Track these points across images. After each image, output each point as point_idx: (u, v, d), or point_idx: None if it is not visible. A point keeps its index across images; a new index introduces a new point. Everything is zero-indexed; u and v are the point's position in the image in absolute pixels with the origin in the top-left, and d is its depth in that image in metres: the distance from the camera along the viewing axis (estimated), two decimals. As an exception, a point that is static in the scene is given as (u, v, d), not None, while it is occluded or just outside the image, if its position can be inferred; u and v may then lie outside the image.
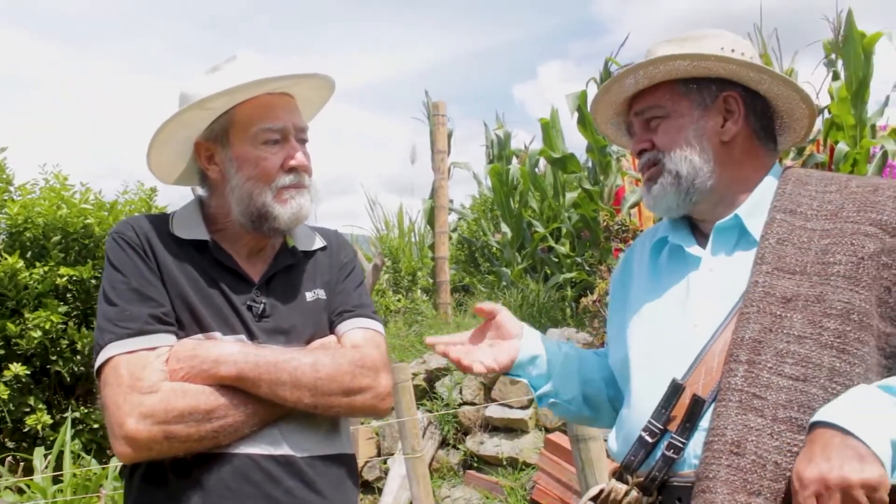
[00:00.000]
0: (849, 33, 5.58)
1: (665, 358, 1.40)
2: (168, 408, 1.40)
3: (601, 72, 6.40)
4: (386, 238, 9.83)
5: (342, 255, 1.77)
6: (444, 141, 7.36)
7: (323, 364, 1.50)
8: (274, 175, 1.57)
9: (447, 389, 5.57)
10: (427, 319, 6.90)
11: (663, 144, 1.48)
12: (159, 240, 1.58)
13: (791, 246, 1.35)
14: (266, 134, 1.57)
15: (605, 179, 6.55)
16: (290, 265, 1.67)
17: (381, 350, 1.62)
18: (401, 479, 4.97)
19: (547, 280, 6.85)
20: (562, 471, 4.51)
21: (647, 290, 1.53)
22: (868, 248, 1.30)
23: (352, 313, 1.67)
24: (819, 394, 1.23)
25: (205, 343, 1.50)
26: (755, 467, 1.21)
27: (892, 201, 1.34)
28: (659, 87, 1.50)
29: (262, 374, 1.45)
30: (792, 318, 1.28)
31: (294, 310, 1.62)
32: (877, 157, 5.70)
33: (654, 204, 1.51)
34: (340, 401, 1.51)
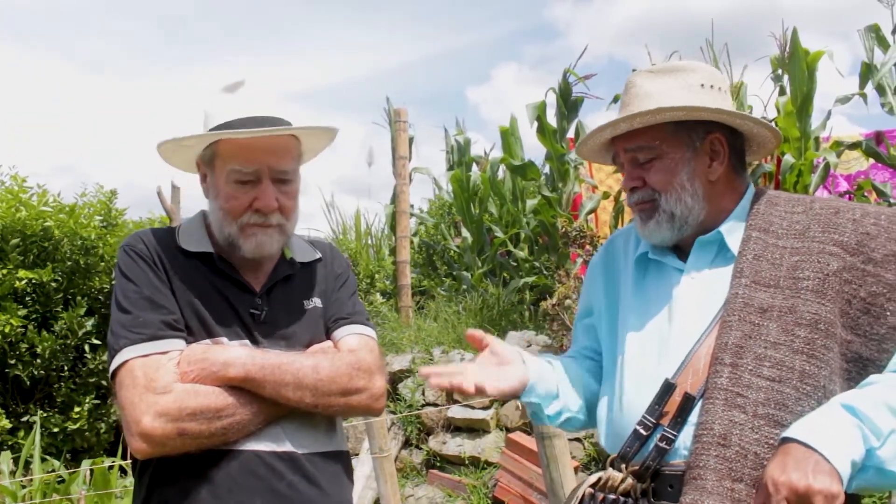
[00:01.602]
0: (794, 50, 5.85)
1: (656, 360, 1.55)
2: (181, 406, 1.51)
3: (560, 82, 6.58)
4: (343, 241, 9.87)
5: (336, 266, 1.86)
6: (406, 147, 7.46)
7: (322, 367, 1.61)
8: (239, 213, 1.64)
9: (410, 391, 5.68)
10: (389, 322, 6.99)
11: (658, 185, 1.58)
12: (167, 252, 1.69)
13: (766, 262, 1.51)
14: (237, 175, 1.63)
15: (563, 186, 6.72)
16: (288, 275, 1.76)
17: (375, 354, 1.72)
18: (365, 479, 5.06)
19: (506, 284, 6.99)
20: (523, 469, 4.65)
21: (634, 301, 1.66)
22: (832, 265, 1.47)
23: (347, 320, 1.77)
24: (792, 393, 1.40)
25: (214, 347, 1.61)
26: (738, 457, 1.37)
27: (852, 224, 1.51)
28: (649, 127, 1.59)
29: (268, 376, 1.56)
30: (768, 327, 1.44)
31: (293, 317, 1.72)
32: (820, 167, 5.99)
33: (649, 236, 1.63)
34: (339, 401, 1.62)
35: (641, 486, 1.48)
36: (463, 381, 1.52)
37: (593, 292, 1.82)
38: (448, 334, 6.24)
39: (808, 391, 1.40)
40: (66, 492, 4.27)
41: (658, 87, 1.59)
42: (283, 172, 1.67)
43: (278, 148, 1.66)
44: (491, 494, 4.83)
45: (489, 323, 6.21)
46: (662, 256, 1.65)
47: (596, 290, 1.81)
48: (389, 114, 8.07)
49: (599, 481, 1.53)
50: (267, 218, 1.65)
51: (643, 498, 1.48)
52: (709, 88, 1.60)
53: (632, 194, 1.63)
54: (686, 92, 1.58)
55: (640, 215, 1.62)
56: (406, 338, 6.46)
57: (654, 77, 1.61)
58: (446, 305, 6.90)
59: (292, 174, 1.70)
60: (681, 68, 1.62)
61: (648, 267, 1.69)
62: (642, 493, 1.48)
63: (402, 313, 7.14)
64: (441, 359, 5.82)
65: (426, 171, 8.94)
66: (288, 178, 1.68)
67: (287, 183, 1.68)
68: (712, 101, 1.58)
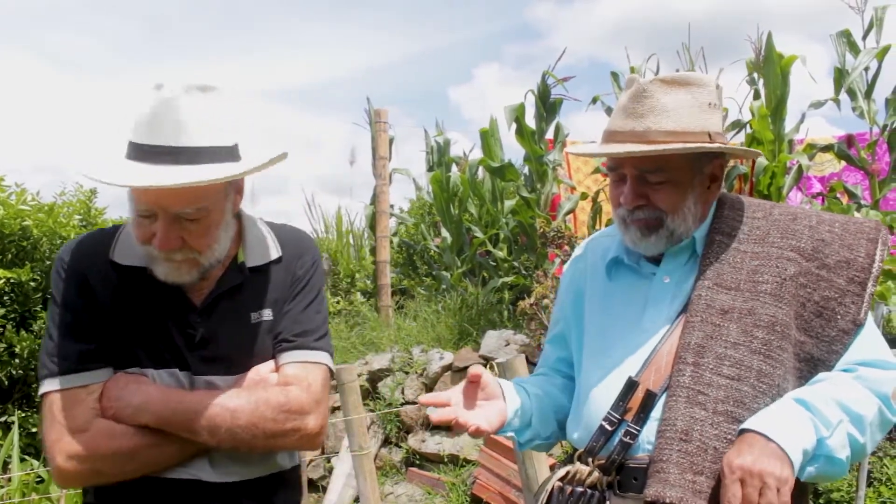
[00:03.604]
0: (768, 55, 5.95)
1: (621, 358, 1.60)
2: (93, 448, 1.45)
3: (538, 84, 6.64)
4: (324, 240, 9.89)
5: (297, 266, 1.66)
6: (386, 147, 7.49)
7: (243, 411, 1.47)
8: (142, 241, 1.49)
9: (389, 389, 5.72)
10: (369, 322, 7.02)
11: (667, 207, 1.59)
12: (97, 267, 1.55)
13: (727, 265, 1.58)
14: (133, 208, 1.48)
15: (541, 187, 6.79)
16: (237, 284, 1.59)
17: (313, 388, 1.55)
18: (345, 477, 5.09)
19: (485, 284, 7.04)
20: (501, 466, 4.70)
21: (603, 301, 1.71)
22: (789, 270, 1.54)
23: (291, 343, 1.60)
24: (749, 391, 1.47)
25: (130, 386, 1.50)
26: (699, 451, 1.44)
27: (808, 230, 1.59)
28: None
29: (182, 423, 1.46)
30: (729, 328, 1.51)
31: (235, 335, 1.57)
32: (793, 170, 6.10)
33: (645, 248, 1.64)
34: (262, 444, 1.50)
35: (607, 479, 1.54)
36: (467, 421, 1.54)
37: (565, 298, 1.86)
38: (427, 333, 6.29)
39: (764, 389, 1.47)
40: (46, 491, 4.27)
41: (673, 103, 1.58)
42: (184, 213, 1.46)
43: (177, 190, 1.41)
44: (470, 492, 4.89)
45: (468, 322, 6.27)
46: (636, 262, 1.70)
47: (566, 297, 1.85)
48: (370, 114, 8.10)
49: (567, 475, 1.60)
50: (169, 254, 1.48)
51: (609, 490, 1.55)
52: (713, 108, 1.62)
53: (635, 211, 1.61)
54: (698, 111, 1.59)
55: (639, 229, 1.62)
56: (386, 337, 6.49)
57: (669, 89, 1.59)
58: (426, 305, 6.95)
59: (201, 211, 1.47)
60: (692, 82, 1.61)
61: (620, 270, 1.73)
62: (608, 486, 1.55)
63: (381, 313, 7.17)
64: (420, 358, 5.86)
65: (406, 171, 8.98)
66: (193, 218, 1.47)
67: (194, 221, 1.47)
68: (716, 121, 1.61)
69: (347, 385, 3.99)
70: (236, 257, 1.61)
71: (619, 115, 1.63)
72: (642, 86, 1.60)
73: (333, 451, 5.58)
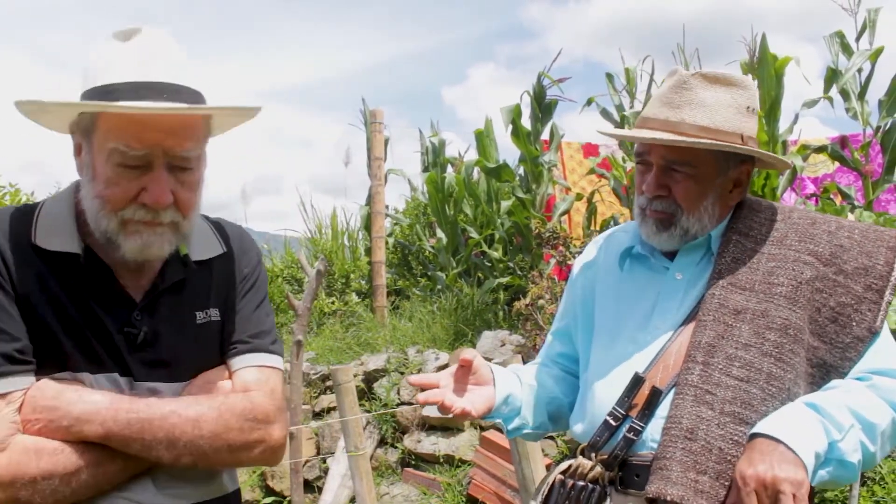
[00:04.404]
0: (762, 56, 5.97)
1: (628, 353, 1.60)
2: (17, 473, 1.19)
3: (534, 86, 6.65)
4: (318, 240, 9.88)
5: (244, 263, 1.49)
6: (381, 148, 7.51)
7: (206, 419, 1.29)
8: (122, 204, 1.27)
9: (385, 390, 5.72)
10: (364, 322, 7.02)
11: (685, 202, 1.58)
12: (16, 250, 1.28)
13: (743, 265, 1.57)
14: (121, 156, 1.25)
15: (537, 188, 6.80)
16: (179, 280, 1.40)
17: (276, 395, 1.40)
18: (341, 477, 5.10)
19: (481, 284, 7.06)
20: (496, 466, 4.71)
21: (614, 293, 1.70)
22: (806, 274, 1.54)
23: (247, 346, 1.44)
24: (758, 394, 1.46)
25: (67, 392, 1.25)
26: (704, 451, 1.43)
27: (827, 235, 1.58)
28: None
29: (135, 434, 1.24)
30: (741, 329, 1.50)
31: (180, 336, 1.38)
32: (787, 171, 6.12)
33: (657, 243, 1.64)
34: (225, 458, 1.33)
35: (609, 475, 1.54)
36: (453, 404, 1.54)
37: (574, 293, 1.84)
38: (423, 334, 6.30)
39: (773, 392, 1.46)
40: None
41: (712, 99, 1.57)
42: (183, 159, 1.29)
43: (180, 127, 1.27)
44: (465, 492, 4.89)
45: (463, 323, 6.28)
46: (650, 253, 1.68)
47: (576, 292, 1.83)
48: (365, 115, 8.11)
49: (570, 468, 1.59)
50: (157, 215, 1.28)
51: (611, 486, 1.54)
52: (751, 113, 1.61)
53: (653, 201, 1.61)
54: (735, 112, 1.58)
55: (655, 224, 1.61)
56: (381, 338, 6.50)
57: (710, 85, 1.58)
58: (421, 305, 6.96)
59: (195, 161, 1.32)
60: (735, 82, 1.60)
61: (632, 262, 1.72)
62: (610, 481, 1.54)
63: (377, 313, 7.18)
64: (416, 358, 5.87)
65: (401, 172, 8.99)
66: (189, 166, 1.31)
67: (187, 171, 1.31)
68: (752, 126, 1.61)
69: (343, 386, 3.99)
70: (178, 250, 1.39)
71: (656, 103, 1.62)
72: (683, 77, 1.59)
73: (329, 451, 5.59)
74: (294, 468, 4.40)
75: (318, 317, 7.67)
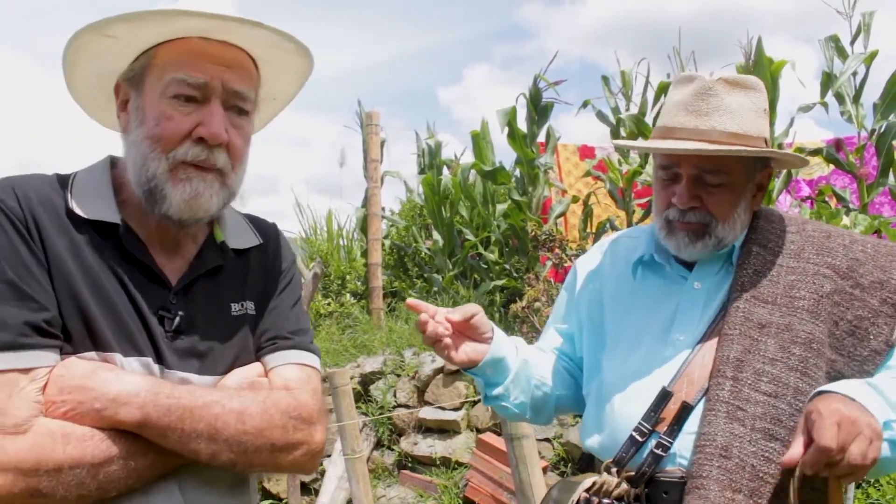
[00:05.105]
0: (758, 59, 5.99)
1: (650, 366, 1.57)
2: (40, 459, 1.05)
3: (530, 88, 6.67)
4: (314, 242, 9.88)
5: (281, 259, 1.42)
6: (377, 150, 7.51)
7: (251, 413, 1.19)
8: (175, 141, 1.20)
9: (381, 392, 5.73)
10: (360, 324, 7.03)
11: (719, 213, 1.57)
12: (50, 216, 1.19)
13: (764, 278, 1.56)
14: (179, 86, 1.20)
15: (533, 190, 6.81)
16: (216, 266, 1.31)
17: (318, 395, 1.31)
18: (337, 479, 5.10)
19: (477, 286, 7.06)
20: (493, 469, 4.72)
21: (628, 304, 1.67)
22: (826, 287, 1.53)
23: (288, 342, 1.35)
24: (786, 409, 1.45)
25: (100, 371, 1.13)
26: (738, 469, 1.41)
27: (843, 248, 1.58)
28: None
29: (174, 423, 1.13)
30: (766, 343, 1.49)
31: (215, 327, 1.28)
32: (783, 173, 6.14)
33: (688, 254, 1.61)
34: (265, 459, 1.21)
35: (635, 492, 1.50)
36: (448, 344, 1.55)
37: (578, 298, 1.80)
38: (419, 336, 6.26)
39: (800, 407, 1.44)
40: None
41: (736, 104, 1.56)
42: (240, 97, 1.25)
43: (237, 63, 1.25)
44: (462, 494, 4.90)
45: (460, 325, 6.27)
46: (667, 262, 1.66)
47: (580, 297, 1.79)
48: (361, 117, 8.11)
49: (594, 486, 1.55)
50: (211, 153, 1.21)
51: (636, 503, 1.50)
52: (766, 114, 1.61)
53: (686, 213, 1.58)
54: (755, 116, 1.57)
55: (687, 235, 1.58)
56: (377, 339, 6.50)
57: (731, 90, 1.57)
58: (417, 307, 6.95)
59: (251, 104, 1.28)
60: (752, 86, 1.59)
61: (646, 270, 1.69)
62: (635, 499, 1.51)
63: (373, 315, 7.18)
64: (412, 361, 5.87)
65: (397, 174, 8.99)
66: (245, 108, 1.27)
67: (243, 114, 1.27)
68: (766, 126, 1.60)
69: (340, 389, 3.99)
70: (212, 234, 1.33)
71: (680, 112, 1.58)
72: (708, 84, 1.57)
73: (325, 453, 5.59)
74: (291, 471, 4.40)
75: (314, 318, 7.67)
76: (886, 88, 5.77)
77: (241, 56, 1.26)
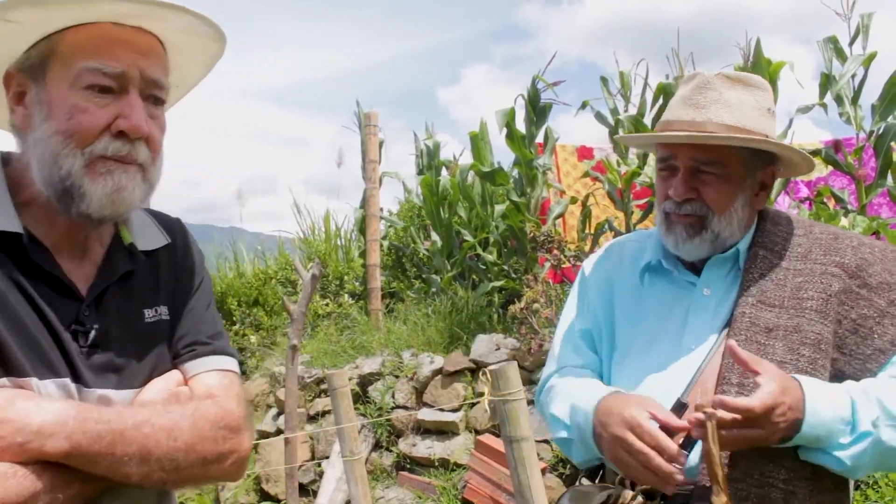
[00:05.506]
0: (757, 60, 5.99)
1: (662, 376, 1.55)
2: None
3: (528, 89, 6.66)
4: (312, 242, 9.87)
5: (191, 258, 1.34)
6: (376, 151, 7.50)
7: (181, 429, 1.12)
8: (92, 135, 1.11)
9: (380, 393, 5.72)
10: (359, 325, 7.02)
11: (715, 204, 1.56)
12: None
13: (771, 282, 1.55)
14: (93, 76, 1.11)
15: (531, 191, 6.81)
16: (127, 272, 1.23)
17: (242, 400, 1.25)
18: (336, 481, 5.10)
19: (475, 287, 7.06)
20: (492, 470, 4.72)
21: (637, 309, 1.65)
22: (834, 286, 1.53)
23: (208, 348, 1.28)
24: None
25: (18, 401, 1.03)
26: (744, 476, 1.41)
27: (851, 249, 1.57)
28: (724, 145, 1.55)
29: (105, 449, 1.04)
30: (774, 346, 1.48)
31: (131, 337, 1.20)
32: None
33: (685, 251, 1.60)
34: (196, 473, 1.15)
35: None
36: None
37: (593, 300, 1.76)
38: (418, 337, 6.29)
39: None
40: None
41: (736, 99, 1.56)
42: (158, 84, 1.17)
43: (151, 50, 1.17)
44: (460, 496, 4.90)
45: (458, 326, 6.27)
46: (674, 267, 1.65)
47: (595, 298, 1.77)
48: (360, 117, 8.10)
49: (609, 499, 1.52)
50: (133, 147, 1.13)
51: None
52: (771, 114, 1.60)
53: (682, 205, 1.58)
54: (757, 113, 1.57)
55: (684, 229, 1.58)
56: (376, 340, 6.50)
57: (733, 86, 1.58)
58: (416, 308, 6.96)
59: (166, 93, 1.20)
60: (755, 84, 1.60)
61: (656, 278, 1.68)
62: None
63: (371, 316, 7.18)
64: (410, 362, 5.87)
65: (396, 175, 8.99)
66: (162, 98, 1.19)
67: (159, 104, 1.19)
68: (773, 128, 1.59)
69: (339, 391, 3.98)
70: (117, 236, 1.24)
71: (678, 106, 1.59)
72: (707, 78, 1.58)
73: (324, 455, 5.58)
74: (289, 472, 4.40)
75: (312, 319, 7.67)
76: (885, 90, 5.77)
77: (154, 42, 1.19)
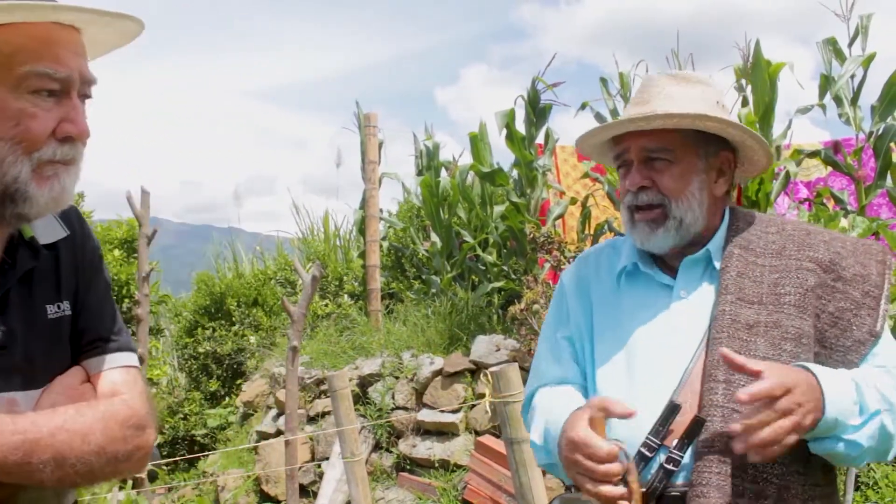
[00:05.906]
0: (756, 61, 6.00)
1: (650, 378, 1.55)
2: None
3: (528, 90, 6.66)
4: (311, 242, 9.87)
5: (89, 249, 1.29)
6: (375, 151, 7.50)
7: (94, 432, 1.11)
8: (40, 142, 1.09)
9: (380, 395, 5.72)
10: (358, 326, 7.02)
11: (670, 190, 1.58)
12: None
13: (748, 279, 1.57)
14: (40, 80, 1.08)
15: (531, 192, 6.81)
16: (29, 269, 1.19)
17: (145, 395, 1.24)
18: (336, 482, 5.10)
19: (475, 288, 7.06)
20: (492, 471, 4.72)
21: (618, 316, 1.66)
22: (810, 281, 1.56)
23: (112, 344, 1.26)
24: None
25: None
26: (738, 472, 1.41)
27: (824, 244, 1.60)
28: (667, 131, 1.58)
29: (21, 460, 1.03)
30: (756, 343, 1.50)
31: (35, 336, 1.17)
32: (781, 175, 6.15)
33: (652, 244, 1.62)
34: (107, 472, 1.15)
35: None
36: None
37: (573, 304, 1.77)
38: (417, 338, 6.29)
39: None
40: None
41: (680, 93, 1.60)
42: (91, 82, 1.16)
43: (82, 47, 1.14)
44: (460, 497, 4.90)
45: (458, 327, 6.27)
46: (651, 270, 1.66)
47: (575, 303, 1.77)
48: (359, 118, 8.10)
49: None
50: (76, 150, 1.13)
51: None
52: (721, 107, 1.62)
53: (638, 194, 1.61)
54: (703, 104, 1.59)
55: (647, 224, 1.61)
56: (376, 341, 6.50)
57: (677, 82, 1.62)
58: (415, 309, 6.96)
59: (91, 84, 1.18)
60: (701, 80, 1.64)
61: (632, 282, 1.69)
62: None
63: (371, 317, 7.18)
64: (410, 363, 5.87)
65: (395, 175, 8.99)
66: (91, 93, 1.17)
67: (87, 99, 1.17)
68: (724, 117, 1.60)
69: (339, 392, 3.99)
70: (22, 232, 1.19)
71: (627, 108, 1.65)
72: (651, 77, 1.63)
73: (324, 456, 5.58)
74: (289, 473, 4.40)
75: (311, 319, 7.67)
76: (884, 90, 5.78)
77: (80, 37, 1.15)
